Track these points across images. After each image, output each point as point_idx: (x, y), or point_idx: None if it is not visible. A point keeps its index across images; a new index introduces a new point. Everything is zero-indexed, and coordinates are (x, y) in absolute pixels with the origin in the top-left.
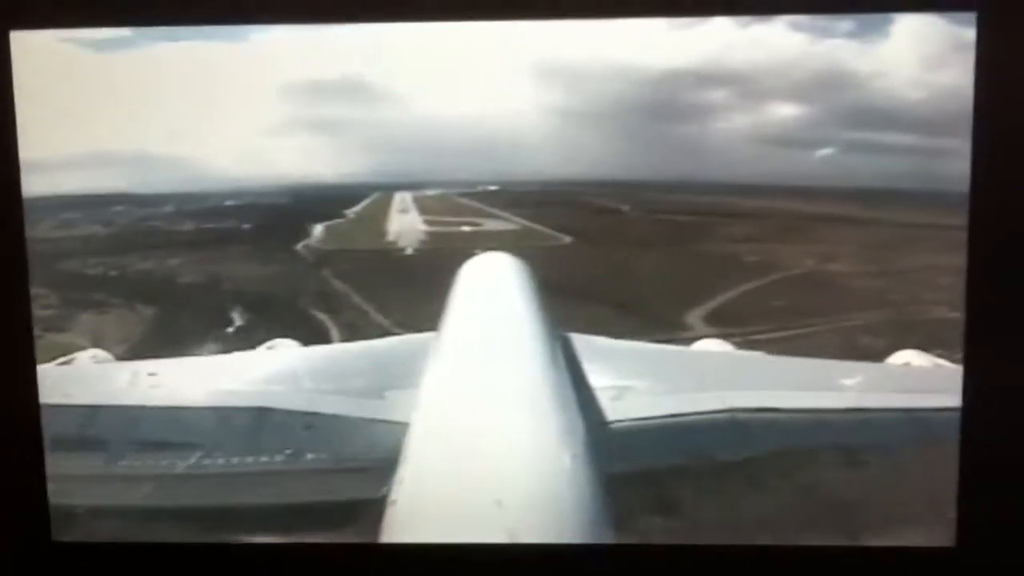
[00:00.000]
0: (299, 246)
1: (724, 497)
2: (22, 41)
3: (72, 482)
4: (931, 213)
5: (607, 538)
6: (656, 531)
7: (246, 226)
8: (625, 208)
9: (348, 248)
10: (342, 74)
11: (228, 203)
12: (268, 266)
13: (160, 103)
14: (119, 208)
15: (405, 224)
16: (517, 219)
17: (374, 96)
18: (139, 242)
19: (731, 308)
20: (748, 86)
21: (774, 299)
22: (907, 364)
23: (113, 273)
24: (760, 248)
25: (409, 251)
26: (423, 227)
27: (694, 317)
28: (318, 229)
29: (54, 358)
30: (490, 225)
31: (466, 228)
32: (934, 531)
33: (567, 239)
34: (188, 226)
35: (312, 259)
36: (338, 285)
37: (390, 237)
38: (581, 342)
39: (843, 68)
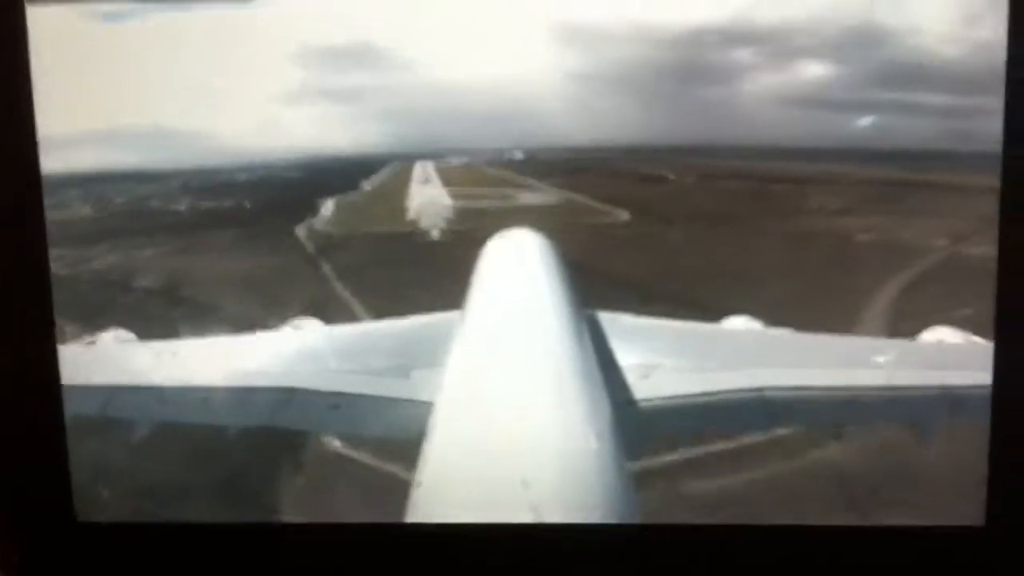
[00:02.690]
0: (299, 229)
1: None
2: (36, 16)
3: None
4: None
5: (633, 518)
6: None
7: (247, 204)
8: (671, 175)
9: (359, 232)
10: (355, 40)
11: (239, 177)
12: (255, 259)
13: (172, 75)
14: (124, 185)
15: (427, 197)
16: (556, 190)
17: (388, 62)
18: (118, 227)
19: (908, 320)
20: (777, 45)
21: (952, 304)
22: (940, 341)
23: (63, 272)
24: (865, 224)
25: (435, 234)
26: (448, 202)
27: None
28: (327, 206)
29: None
30: (527, 198)
31: (499, 202)
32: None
33: (624, 215)
34: (182, 206)
35: (313, 248)
36: (341, 292)
37: (411, 215)
38: (608, 320)
39: (878, 24)
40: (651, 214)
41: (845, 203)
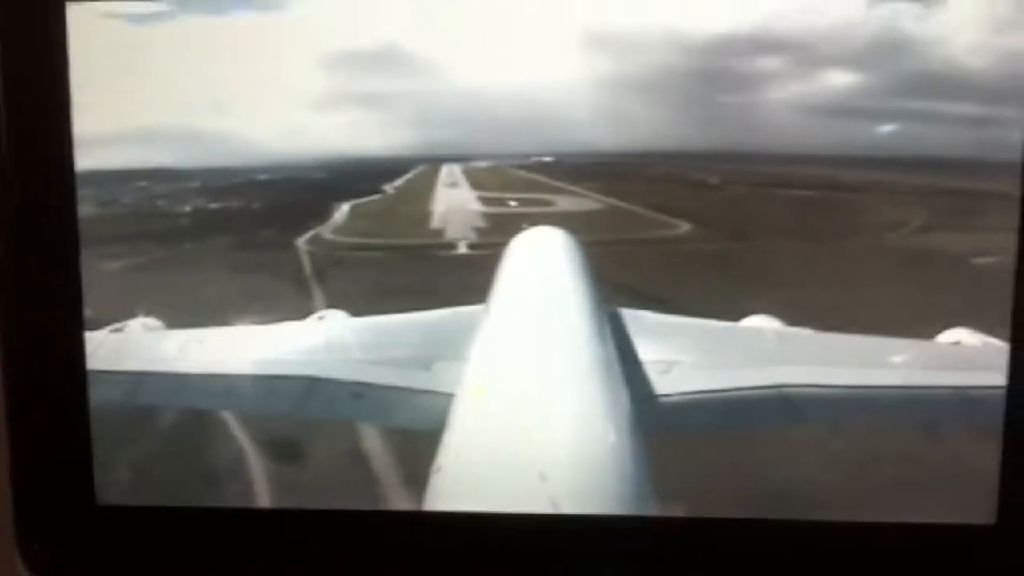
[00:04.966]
0: (302, 240)
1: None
2: (74, 15)
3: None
4: None
5: (651, 511)
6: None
7: (256, 205)
8: (714, 181)
9: (372, 243)
10: (384, 44)
11: (259, 177)
12: (233, 281)
13: (202, 76)
14: (140, 184)
15: (455, 202)
16: (597, 195)
17: (416, 67)
18: (103, 232)
19: None
20: (804, 53)
21: None
22: (957, 343)
23: None
24: (966, 243)
25: (463, 248)
26: (478, 207)
27: None
28: (341, 211)
29: None
30: (566, 204)
31: (536, 208)
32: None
33: (683, 226)
34: (189, 207)
35: (310, 267)
36: None
37: (435, 223)
38: (630, 317)
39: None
40: (715, 226)
41: (925, 218)
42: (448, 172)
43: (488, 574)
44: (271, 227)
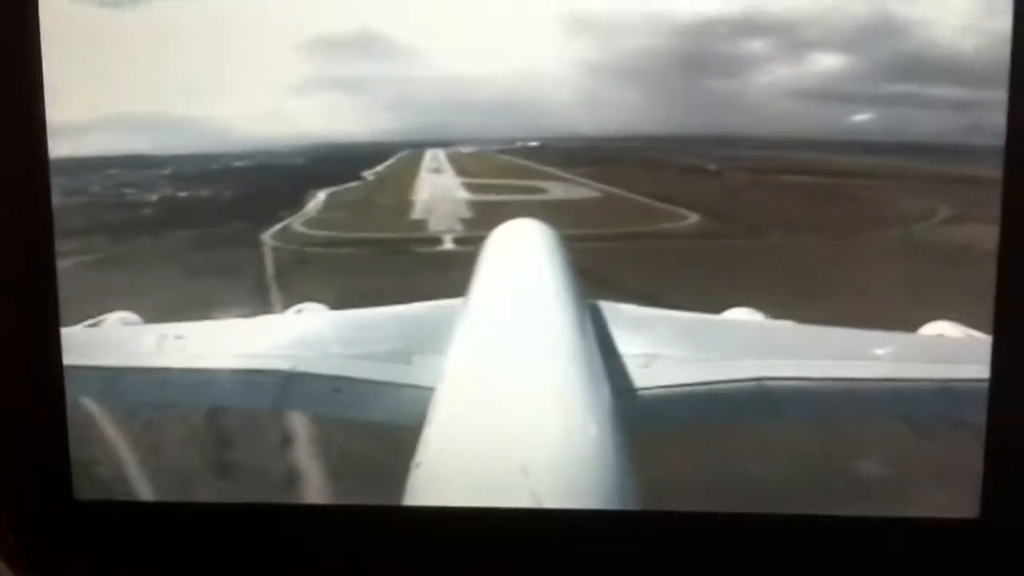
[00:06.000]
0: (268, 234)
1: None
2: (47, 2)
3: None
4: None
5: (632, 505)
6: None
7: (227, 193)
8: (711, 167)
9: (346, 237)
10: (361, 29)
11: (235, 164)
12: (185, 285)
13: (178, 62)
14: (113, 172)
15: (439, 190)
16: (591, 182)
17: (395, 52)
18: (63, 225)
19: None
20: (789, 36)
21: None
22: (940, 335)
23: None
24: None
25: (448, 243)
26: (464, 195)
27: None
28: (316, 200)
29: None
30: (559, 191)
31: (526, 196)
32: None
33: (691, 217)
34: (155, 196)
35: (272, 266)
36: None
37: (418, 213)
38: (610, 310)
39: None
40: (725, 218)
41: (952, 208)
42: (432, 157)
43: (471, 568)
44: (240, 218)
